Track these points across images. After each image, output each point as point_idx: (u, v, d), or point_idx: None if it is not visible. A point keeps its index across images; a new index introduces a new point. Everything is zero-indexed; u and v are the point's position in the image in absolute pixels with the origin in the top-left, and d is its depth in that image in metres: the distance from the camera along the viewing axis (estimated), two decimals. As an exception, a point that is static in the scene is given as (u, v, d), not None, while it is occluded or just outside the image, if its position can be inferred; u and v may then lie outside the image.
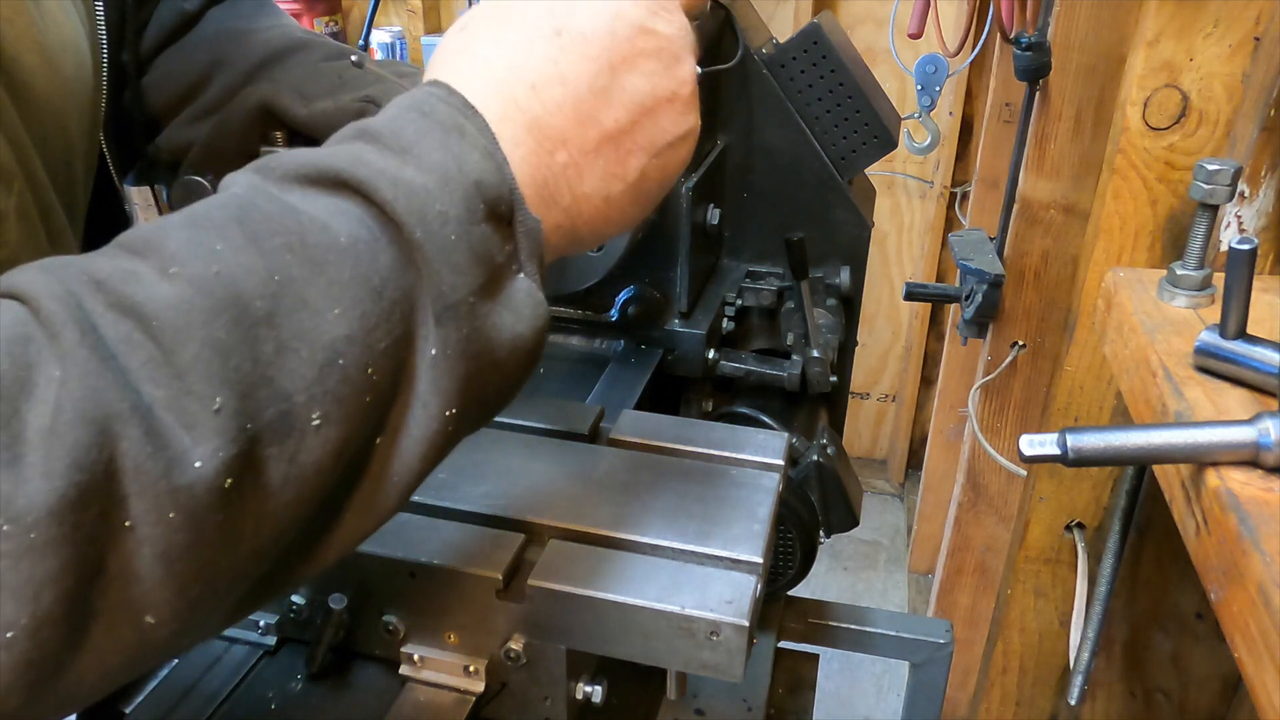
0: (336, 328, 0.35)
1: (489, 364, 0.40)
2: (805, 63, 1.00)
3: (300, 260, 0.35)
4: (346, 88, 0.75)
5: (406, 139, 0.39)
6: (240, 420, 0.33)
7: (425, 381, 0.38)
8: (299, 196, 0.37)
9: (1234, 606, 0.48)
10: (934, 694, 0.90)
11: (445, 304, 0.38)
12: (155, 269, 0.34)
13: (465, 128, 0.41)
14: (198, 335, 0.33)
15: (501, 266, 0.40)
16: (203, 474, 0.32)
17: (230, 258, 0.34)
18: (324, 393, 0.35)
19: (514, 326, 0.41)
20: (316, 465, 0.35)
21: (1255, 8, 0.74)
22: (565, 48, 0.44)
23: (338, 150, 0.39)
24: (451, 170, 0.39)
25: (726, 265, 1.09)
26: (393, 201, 0.37)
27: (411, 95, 0.42)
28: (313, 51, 0.79)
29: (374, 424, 0.38)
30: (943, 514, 1.92)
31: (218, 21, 0.79)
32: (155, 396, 0.31)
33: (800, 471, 0.87)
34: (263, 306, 0.34)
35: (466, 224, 0.38)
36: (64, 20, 0.61)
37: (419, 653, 0.63)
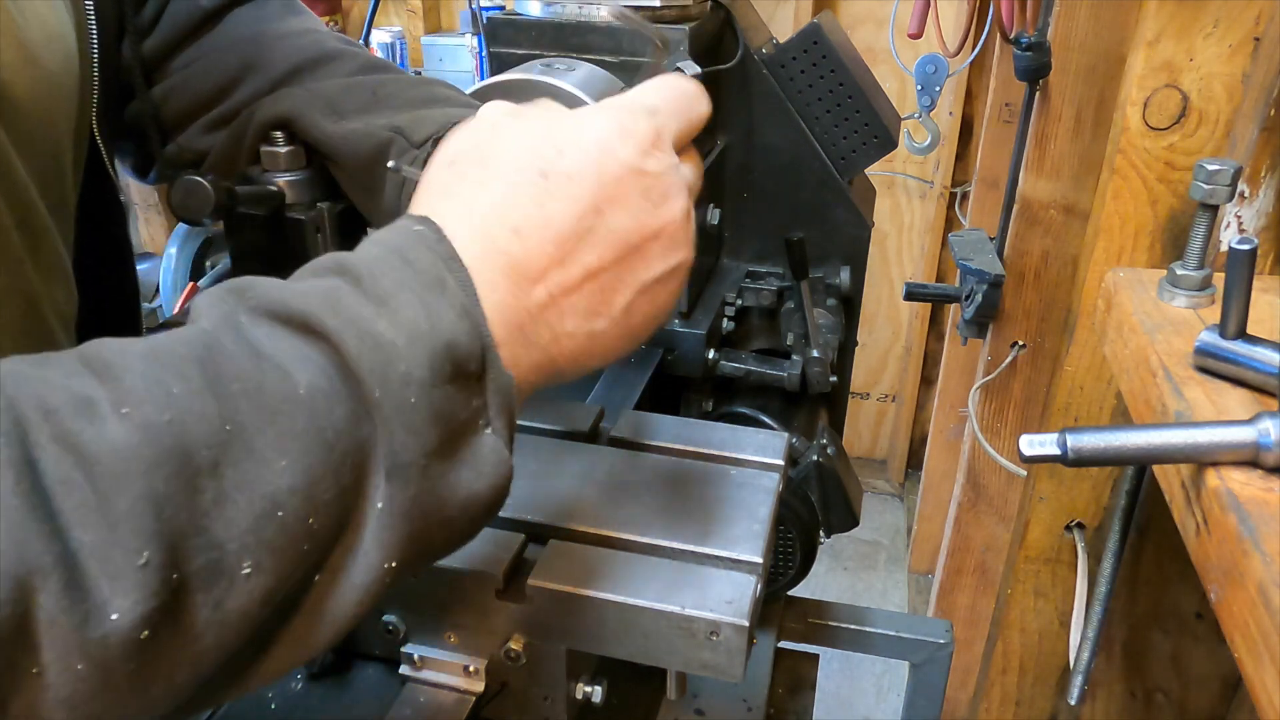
0: (281, 478, 0.35)
1: (437, 522, 0.40)
2: (805, 63, 1.00)
3: (255, 407, 0.35)
4: (379, 107, 0.73)
5: (384, 288, 0.39)
6: (166, 572, 0.32)
7: (370, 532, 0.38)
8: (265, 334, 0.37)
9: (1234, 606, 0.48)
10: (934, 694, 0.90)
11: (395, 463, 0.38)
12: (110, 403, 0.33)
13: (446, 282, 0.40)
14: (136, 486, 0.32)
15: (465, 424, 0.40)
16: (118, 626, 0.31)
17: (184, 403, 0.34)
18: (258, 542, 0.35)
19: (471, 485, 0.40)
20: (242, 611, 0.35)
21: (1255, 8, 0.74)
22: (551, 191, 0.44)
23: (314, 287, 0.39)
24: (423, 329, 0.38)
25: (726, 265, 1.09)
26: (357, 356, 0.37)
27: (399, 234, 0.42)
28: (345, 63, 0.77)
29: (311, 565, 0.37)
30: (943, 514, 1.92)
31: (244, 23, 0.77)
32: (83, 542, 0.31)
33: (800, 471, 0.87)
34: (209, 455, 0.34)
35: (429, 385, 0.38)
36: (48, 15, 0.60)
37: (419, 653, 0.63)
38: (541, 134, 0.46)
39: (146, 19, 0.75)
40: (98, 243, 0.70)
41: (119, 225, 0.76)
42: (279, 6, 0.79)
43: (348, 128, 0.72)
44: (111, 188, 0.72)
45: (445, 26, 2.78)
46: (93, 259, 0.67)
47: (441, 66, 2.63)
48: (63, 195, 0.62)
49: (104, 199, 0.71)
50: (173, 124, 0.77)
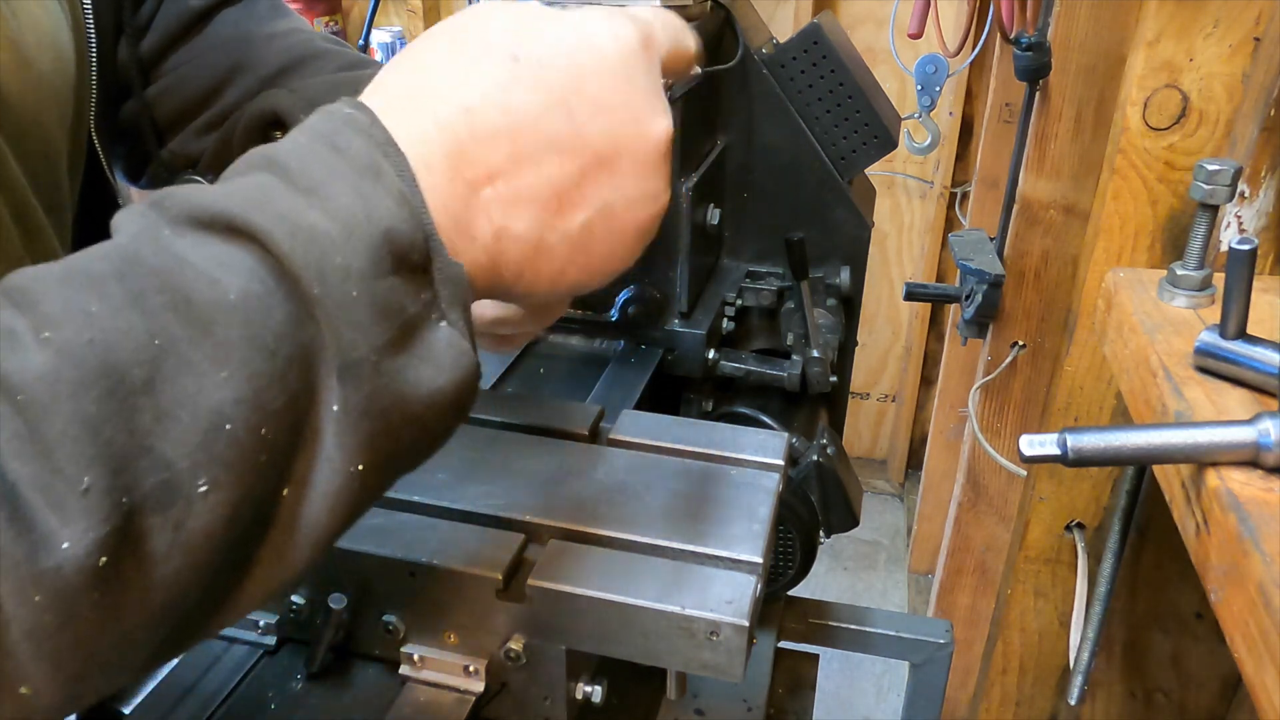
0: (223, 391, 0.33)
1: (401, 420, 0.38)
2: (805, 63, 1.00)
3: (184, 320, 0.33)
4: None
5: (315, 177, 0.37)
6: (114, 496, 0.31)
7: (329, 436, 0.36)
8: (190, 243, 0.35)
9: (1234, 606, 0.48)
10: (934, 694, 0.90)
11: (345, 361, 0.36)
12: (30, 329, 0.32)
13: (381, 168, 0.38)
14: (65, 410, 0.31)
15: (416, 317, 0.38)
16: (71, 555, 0.30)
17: (106, 321, 0.32)
18: (210, 458, 0.33)
19: (432, 380, 0.38)
20: (206, 530, 0.34)
21: (1255, 8, 0.74)
22: (518, 75, 0.41)
23: (238, 185, 0.37)
24: (359, 218, 0.36)
25: (726, 265, 1.09)
26: (290, 253, 0.35)
27: (330, 119, 0.39)
28: (331, 60, 0.77)
29: (275, 479, 0.36)
30: (943, 514, 1.92)
31: (232, 24, 0.77)
32: (21, 475, 0.30)
33: (800, 471, 0.87)
34: (140, 374, 0.32)
35: (371, 278, 0.36)
36: (42, 17, 0.60)
37: (419, 653, 0.63)
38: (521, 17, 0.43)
39: (143, 19, 0.76)
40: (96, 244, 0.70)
41: None
42: (266, 7, 0.79)
43: None
44: (110, 191, 0.72)
45: (445, 26, 2.78)
46: None
47: (441, 66, 2.63)
48: (58, 197, 0.62)
49: (102, 203, 0.71)
50: (166, 126, 0.78)
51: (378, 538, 0.61)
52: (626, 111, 0.43)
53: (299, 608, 0.66)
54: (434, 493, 0.64)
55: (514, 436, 0.71)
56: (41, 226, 0.58)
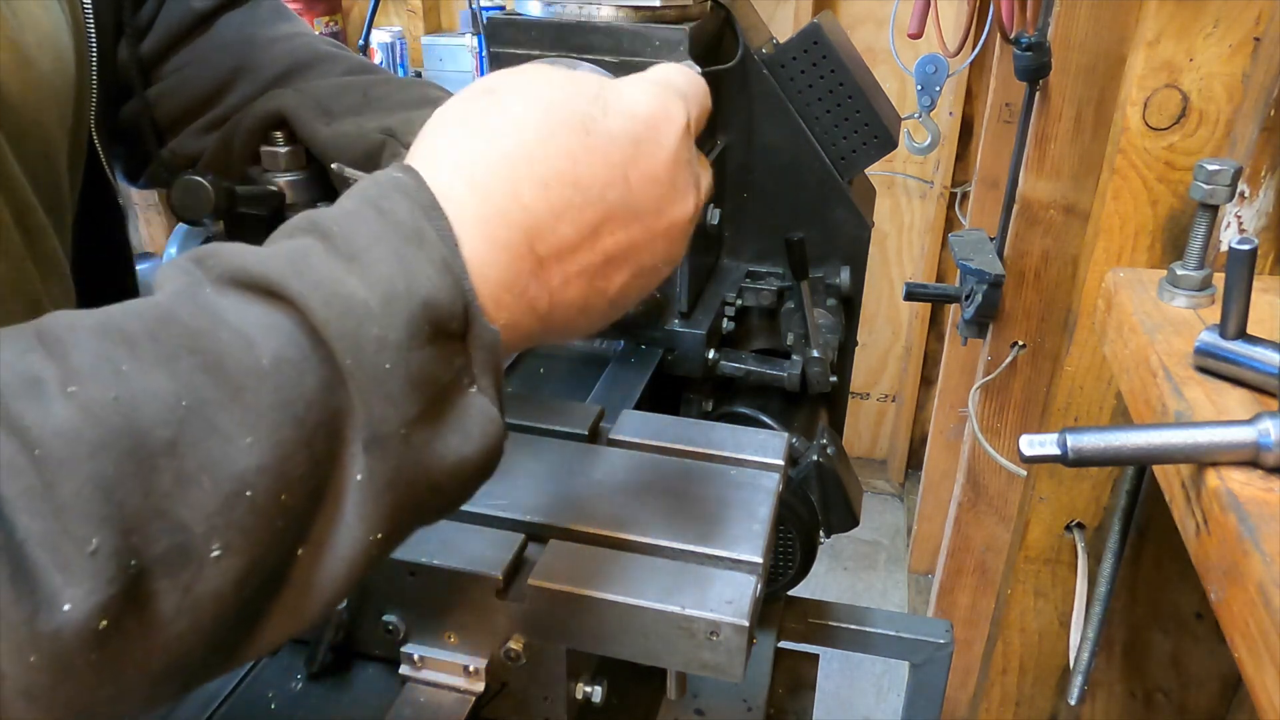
0: (248, 457, 0.33)
1: (425, 490, 0.38)
2: (805, 63, 1.00)
3: (216, 383, 0.33)
4: (371, 109, 0.73)
5: (357, 243, 0.36)
6: (122, 558, 0.31)
7: (351, 504, 0.36)
8: (229, 303, 0.35)
9: (1234, 606, 0.48)
10: (934, 694, 0.90)
11: (374, 434, 0.35)
12: (57, 381, 0.32)
13: (425, 233, 0.37)
14: (82, 470, 0.30)
15: (448, 386, 0.37)
16: (71, 618, 0.30)
17: (135, 381, 0.32)
18: (227, 524, 0.33)
19: (459, 449, 0.38)
20: (215, 593, 0.33)
21: (1255, 8, 0.74)
22: (591, 148, 0.41)
23: (281, 249, 0.36)
24: (398, 287, 0.36)
25: (726, 265, 1.09)
26: (325, 322, 0.34)
27: (377, 184, 0.39)
28: (336, 64, 0.77)
29: (291, 542, 0.35)
30: (943, 514, 1.92)
31: (236, 27, 0.77)
32: (30, 530, 0.30)
33: (800, 471, 0.87)
34: (164, 435, 0.32)
35: (406, 349, 0.35)
36: (42, 17, 0.60)
37: (419, 653, 0.63)
38: (588, 87, 0.43)
39: (144, 20, 0.76)
40: (97, 246, 0.70)
41: (118, 228, 0.76)
42: (269, 11, 0.80)
43: (339, 129, 0.72)
44: (110, 191, 0.72)
45: (445, 26, 2.78)
46: (92, 262, 0.67)
47: (441, 66, 2.63)
48: (58, 197, 0.62)
49: (103, 202, 0.71)
50: (166, 126, 0.78)
51: (378, 538, 0.61)
52: (672, 187, 0.45)
53: (299, 608, 0.65)
54: (434, 493, 0.64)
55: (514, 436, 0.71)
56: (43, 227, 0.58)
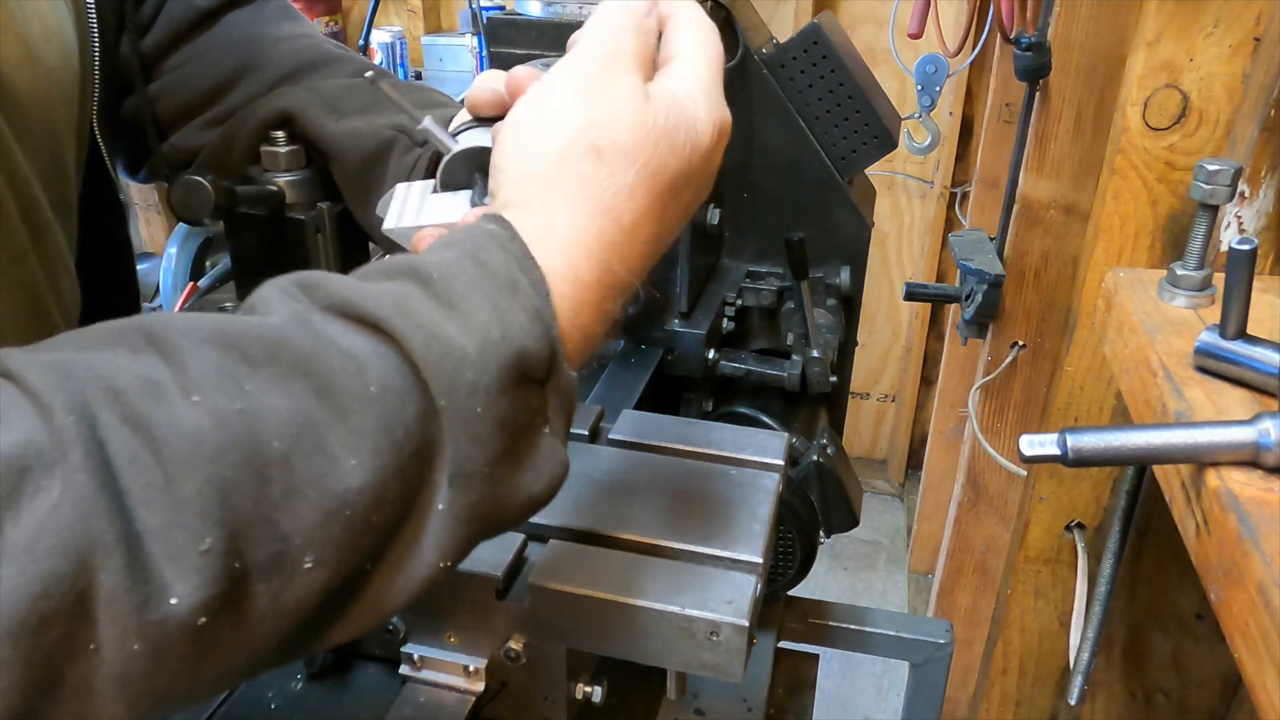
0: (351, 477, 0.35)
1: (495, 522, 0.40)
2: (805, 63, 1.00)
3: (326, 405, 0.35)
4: (380, 107, 0.73)
5: (456, 291, 0.38)
6: (228, 560, 0.33)
7: (429, 532, 0.38)
8: (337, 331, 0.37)
9: (1234, 606, 0.48)
10: (934, 694, 0.90)
11: (460, 470, 0.37)
12: (178, 387, 0.33)
13: (519, 283, 0.39)
14: (204, 471, 0.32)
15: (526, 426, 0.39)
16: (177, 611, 0.32)
17: (256, 396, 0.34)
18: (324, 538, 0.35)
19: (530, 487, 0.40)
20: (299, 602, 0.35)
21: (1255, 8, 0.74)
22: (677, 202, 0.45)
23: (384, 289, 0.38)
24: (494, 336, 0.38)
25: (726, 265, 1.09)
26: (424, 360, 0.36)
27: (472, 235, 0.41)
28: (344, 65, 0.77)
29: (372, 561, 0.37)
30: (943, 514, 1.92)
31: (241, 25, 0.77)
32: (148, 524, 0.31)
33: (800, 471, 0.87)
34: (280, 448, 0.34)
35: (496, 394, 0.37)
36: (48, 12, 0.60)
37: (419, 653, 0.63)
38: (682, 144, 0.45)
39: (146, 16, 0.76)
40: (98, 243, 0.70)
41: (119, 225, 0.76)
42: (276, 11, 0.80)
43: (350, 126, 0.72)
44: (111, 187, 0.72)
45: (445, 26, 2.78)
46: (93, 259, 0.67)
47: (441, 66, 2.63)
48: (64, 192, 0.62)
49: (104, 199, 0.71)
50: (167, 122, 0.78)
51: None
52: (708, 177, 0.47)
53: (299, 608, 0.65)
54: (434, 493, 0.64)
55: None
56: (49, 223, 0.58)
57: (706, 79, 0.47)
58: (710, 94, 0.47)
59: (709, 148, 0.46)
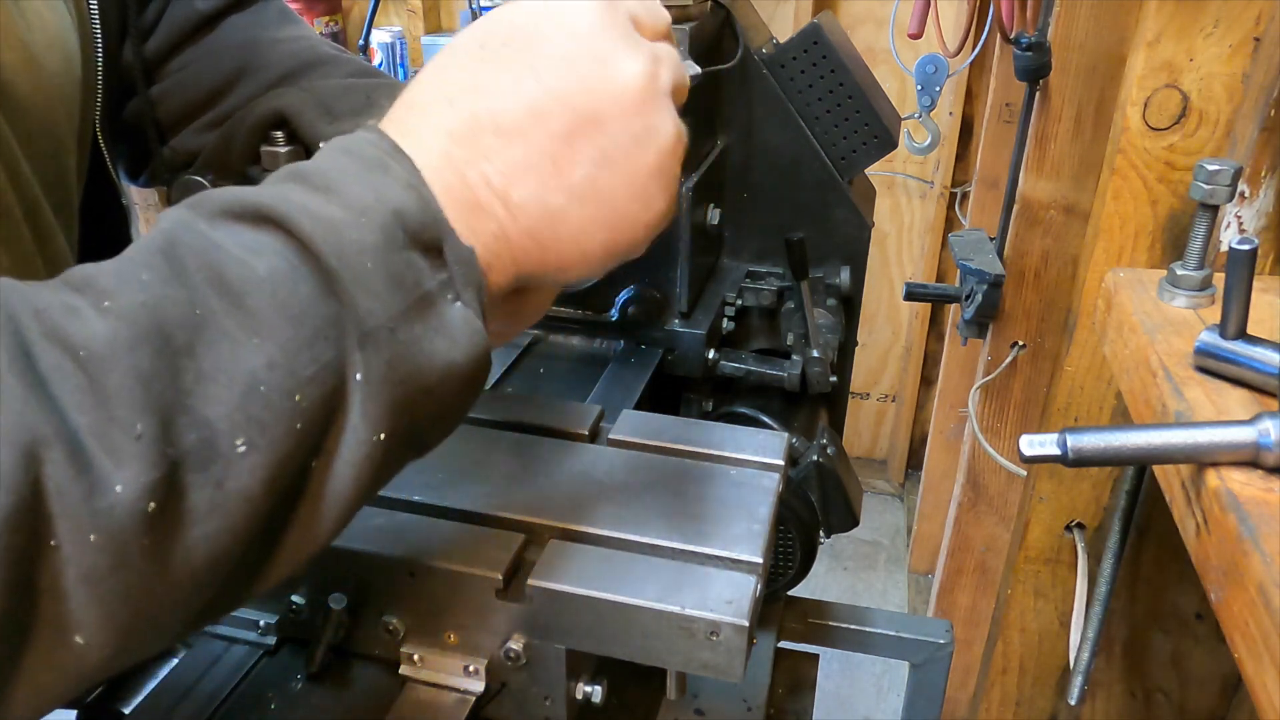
0: (256, 356, 0.36)
1: (419, 389, 0.41)
2: (805, 63, 1.00)
3: (220, 293, 0.37)
4: (374, 110, 0.73)
5: (330, 177, 0.41)
6: (161, 446, 0.34)
7: (355, 405, 0.39)
8: (224, 232, 0.38)
9: (1234, 606, 0.48)
10: (934, 694, 0.90)
11: (364, 329, 0.39)
12: (91, 304, 0.35)
13: (389, 165, 0.42)
14: (123, 364, 0.34)
15: (432, 293, 0.41)
16: (123, 497, 0.33)
17: (156, 289, 0.36)
18: (247, 419, 0.36)
19: (447, 353, 0.41)
20: (244, 492, 0.36)
21: (1255, 8, 0.74)
22: (485, 58, 0.45)
23: (265, 188, 0.40)
24: (369, 202, 0.40)
25: (726, 265, 1.09)
26: (310, 235, 0.38)
27: (344, 138, 0.44)
28: (340, 66, 0.78)
29: (308, 448, 0.38)
30: (943, 514, 1.92)
31: (241, 29, 0.78)
32: (80, 423, 0.33)
33: (800, 471, 0.87)
34: (184, 338, 0.35)
35: (384, 251, 0.39)
36: (49, 17, 0.61)
37: (419, 653, 0.63)
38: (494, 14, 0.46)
39: (148, 21, 0.76)
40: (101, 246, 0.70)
41: (122, 228, 0.76)
42: (275, 14, 0.80)
43: (342, 129, 0.72)
44: (114, 191, 0.73)
45: (445, 26, 2.78)
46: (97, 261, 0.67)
47: (441, 66, 2.62)
48: (66, 196, 0.62)
49: (106, 202, 0.72)
50: (168, 124, 0.78)
51: (378, 538, 0.61)
52: (592, 61, 0.44)
53: (299, 608, 0.66)
54: (434, 492, 0.64)
55: (514, 436, 0.71)
56: (51, 226, 0.58)
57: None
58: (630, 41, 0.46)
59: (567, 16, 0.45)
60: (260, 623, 0.68)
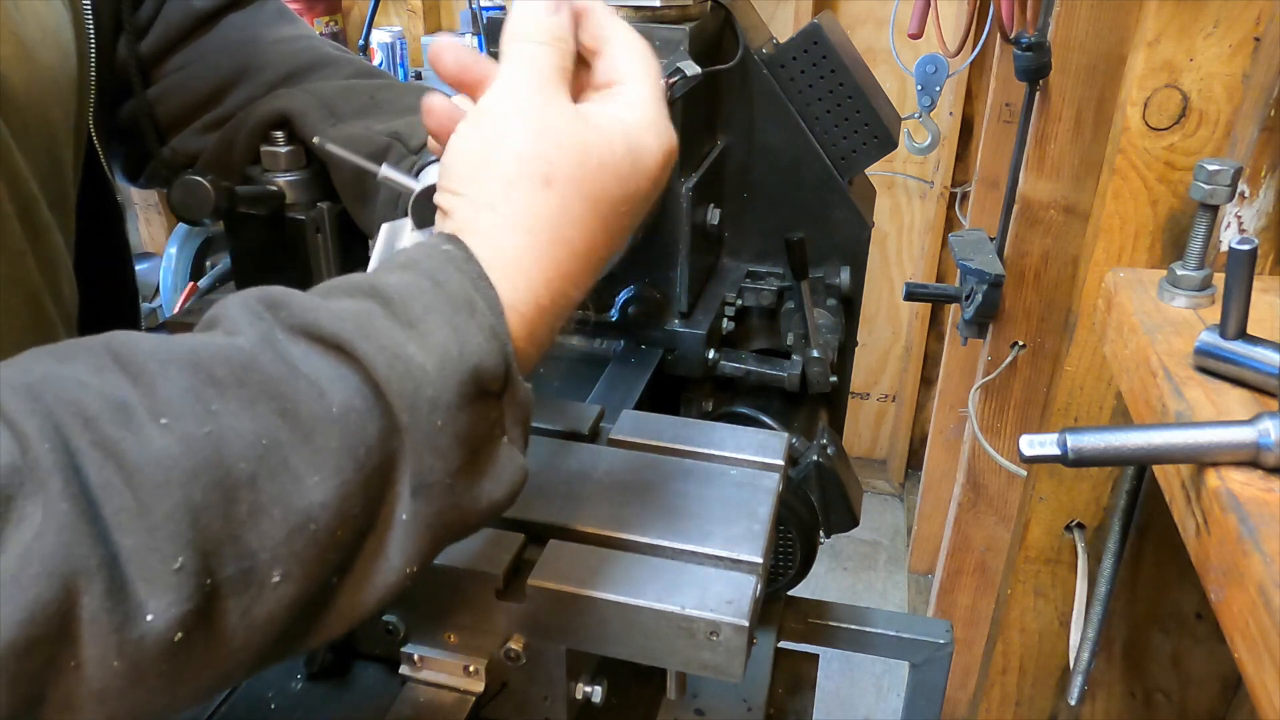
0: (314, 494, 0.36)
1: (458, 529, 0.42)
2: (805, 63, 1.00)
3: (290, 426, 0.36)
4: (377, 112, 0.73)
5: (415, 311, 0.40)
6: (200, 578, 0.34)
7: (394, 541, 0.39)
8: (301, 353, 0.38)
9: (1234, 607, 0.48)
10: (934, 694, 0.90)
11: (421, 482, 0.39)
12: (146, 410, 0.34)
13: (475, 304, 0.41)
14: (175, 495, 0.33)
15: (485, 437, 0.41)
16: (154, 627, 0.33)
17: (224, 419, 0.35)
18: (290, 553, 0.36)
19: (491, 494, 0.42)
20: (269, 616, 0.36)
21: (1255, 8, 0.74)
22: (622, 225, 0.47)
23: (347, 309, 0.39)
24: (452, 353, 0.39)
25: (726, 265, 1.09)
26: (387, 381, 0.38)
27: (428, 256, 0.42)
28: (341, 67, 0.77)
29: (339, 573, 0.39)
30: (943, 514, 1.92)
31: (239, 28, 0.77)
32: (123, 546, 0.32)
33: (800, 471, 0.87)
34: (246, 469, 0.35)
35: (456, 409, 0.39)
36: (44, 12, 0.60)
37: (419, 653, 0.63)
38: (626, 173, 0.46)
39: (143, 19, 0.75)
40: (96, 243, 0.70)
41: (117, 225, 0.76)
42: (273, 13, 0.80)
43: (345, 131, 0.72)
44: (108, 189, 0.72)
45: (445, 26, 2.78)
46: (91, 259, 0.67)
47: (441, 66, 2.62)
48: (62, 192, 0.62)
49: (101, 200, 0.71)
50: (167, 125, 0.78)
51: (378, 538, 0.61)
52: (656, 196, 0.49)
53: (299, 608, 0.65)
54: (434, 493, 0.64)
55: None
56: (46, 223, 0.58)
57: (652, 106, 0.48)
58: (657, 121, 0.48)
59: (657, 174, 0.48)
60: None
